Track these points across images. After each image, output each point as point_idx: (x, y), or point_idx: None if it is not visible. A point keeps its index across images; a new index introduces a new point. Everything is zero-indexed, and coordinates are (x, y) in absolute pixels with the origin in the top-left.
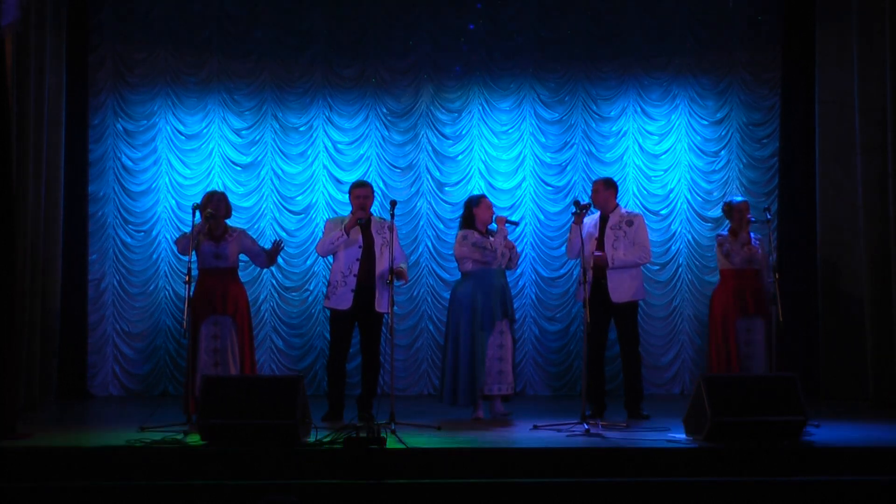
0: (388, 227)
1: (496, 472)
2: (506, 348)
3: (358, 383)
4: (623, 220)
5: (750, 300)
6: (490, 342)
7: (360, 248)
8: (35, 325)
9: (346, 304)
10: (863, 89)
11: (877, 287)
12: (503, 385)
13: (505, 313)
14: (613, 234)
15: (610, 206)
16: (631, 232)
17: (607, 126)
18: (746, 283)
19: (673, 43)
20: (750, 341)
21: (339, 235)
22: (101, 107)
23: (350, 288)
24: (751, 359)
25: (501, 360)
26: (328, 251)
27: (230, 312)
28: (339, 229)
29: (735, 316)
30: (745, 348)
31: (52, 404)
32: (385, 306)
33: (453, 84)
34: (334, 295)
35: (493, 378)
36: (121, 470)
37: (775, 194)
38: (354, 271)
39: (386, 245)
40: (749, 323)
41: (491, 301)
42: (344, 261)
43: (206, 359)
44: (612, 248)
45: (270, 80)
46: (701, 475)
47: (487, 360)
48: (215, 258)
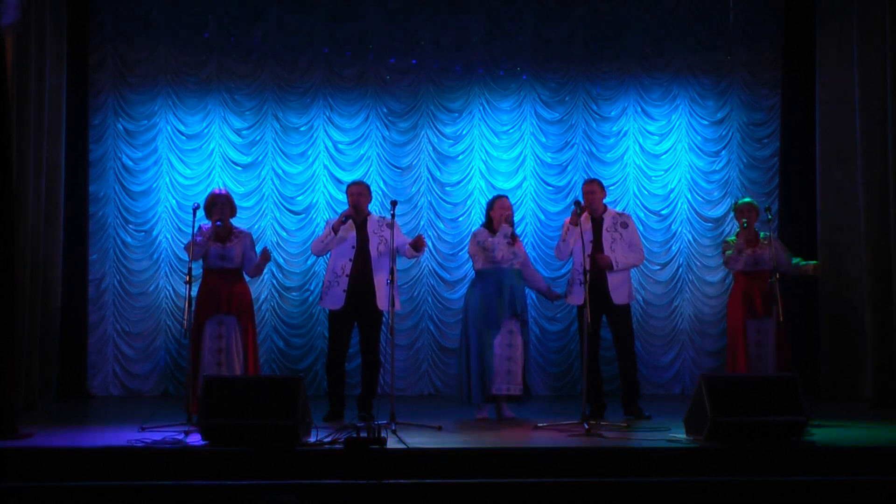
0: (387, 224)
1: (496, 472)
2: (515, 348)
3: (358, 383)
4: (617, 222)
5: (758, 302)
6: (498, 341)
7: (353, 249)
8: (35, 326)
9: (338, 305)
10: (863, 89)
11: (877, 287)
12: (512, 385)
13: (514, 313)
14: (610, 236)
15: (601, 208)
16: (627, 234)
17: (608, 126)
18: (756, 284)
19: (673, 43)
20: (760, 342)
21: (326, 233)
22: (102, 107)
23: (342, 288)
24: (762, 360)
25: (511, 359)
26: (319, 249)
27: (234, 312)
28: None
29: (744, 318)
30: (756, 349)
31: (52, 404)
32: (386, 304)
33: (454, 84)
34: (327, 295)
35: (501, 377)
36: (121, 470)
37: (775, 194)
38: (347, 271)
39: (384, 244)
40: (759, 324)
41: (498, 300)
42: (337, 261)
43: (209, 358)
44: (610, 250)
45: (271, 80)
46: (701, 475)
47: (496, 358)
48: (220, 259)
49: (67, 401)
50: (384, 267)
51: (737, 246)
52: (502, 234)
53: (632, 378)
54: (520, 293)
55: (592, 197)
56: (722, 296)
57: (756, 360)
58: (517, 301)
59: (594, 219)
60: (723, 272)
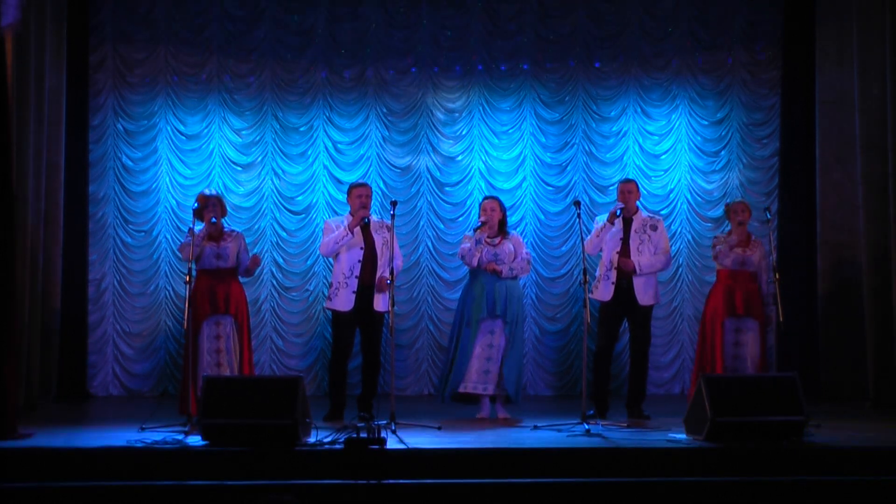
0: (387, 227)
1: (496, 472)
2: (495, 349)
3: (358, 383)
4: (647, 224)
5: (739, 301)
6: (479, 341)
7: (362, 250)
8: (35, 326)
9: (348, 306)
10: (863, 89)
11: (877, 287)
12: (488, 385)
13: (493, 314)
14: (638, 237)
15: (634, 209)
16: (655, 237)
17: (607, 126)
18: (738, 284)
19: (673, 43)
20: (739, 342)
21: (344, 234)
22: (102, 107)
23: (352, 289)
24: (739, 359)
25: (489, 359)
26: (333, 251)
27: (232, 312)
28: (342, 229)
29: (723, 316)
30: (734, 349)
31: (52, 404)
32: (384, 306)
33: (453, 84)
34: (336, 297)
35: (478, 377)
36: (121, 470)
37: (775, 194)
38: (356, 273)
39: (386, 245)
40: (738, 323)
41: (476, 300)
42: (346, 262)
43: (207, 358)
44: (637, 251)
45: (271, 80)
46: (701, 475)
47: (474, 358)
48: (216, 258)
49: (67, 401)
50: (386, 268)
51: (728, 242)
52: (474, 241)
53: (640, 381)
54: (502, 294)
55: (629, 196)
56: None
57: (733, 360)
58: (498, 302)
59: (625, 218)
60: None
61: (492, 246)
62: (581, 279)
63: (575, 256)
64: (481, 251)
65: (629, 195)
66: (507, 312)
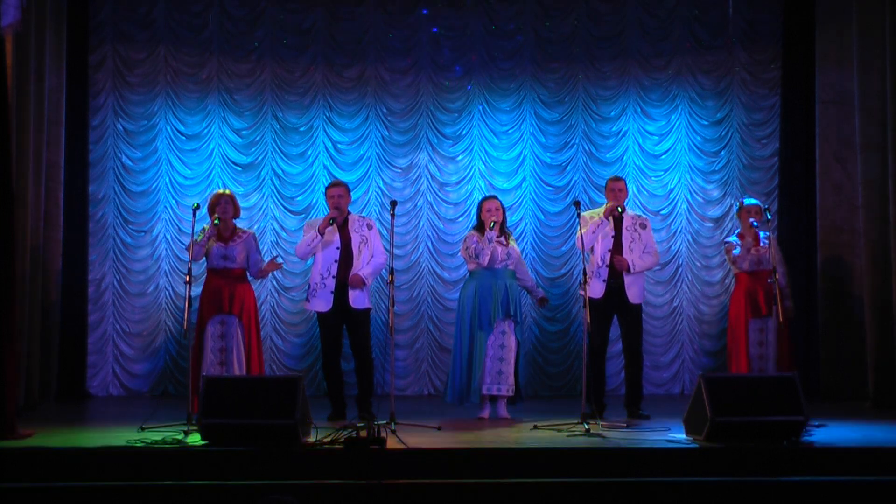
0: (367, 224)
1: (496, 472)
2: (507, 349)
3: (356, 383)
4: (636, 223)
5: (762, 301)
6: (491, 342)
7: (338, 249)
8: (35, 325)
9: (327, 306)
10: (863, 89)
11: (877, 287)
12: (503, 385)
13: (507, 314)
14: (630, 235)
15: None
16: (645, 235)
17: (607, 126)
18: (758, 284)
19: (673, 43)
20: (763, 342)
21: (313, 237)
22: (101, 107)
23: (329, 290)
24: (764, 360)
25: (503, 360)
26: (306, 253)
27: (236, 312)
28: (312, 232)
29: (747, 317)
30: (759, 349)
31: (52, 404)
32: (363, 303)
33: (453, 84)
34: (314, 297)
35: (492, 378)
36: (121, 470)
37: (775, 194)
38: (333, 272)
39: (364, 243)
40: (762, 324)
41: (490, 301)
42: (322, 263)
43: (211, 358)
44: (628, 249)
45: (270, 80)
46: (701, 475)
47: (488, 359)
48: (223, 259)
49: (67, 401)
50: (364, 266)
51: (744, 245)
52: (486, 240)
53: (636, 379)
54: (514, 293)
55: (620, 195)
56: (722, 296)
57: (759, 360)
58: (511, 301)
59: (615, 217)
60: (723, 272)
61: (503, 245)
62: (581, 279)
63: (575, 256)
64: (494, 249)
65: (620, 193)
66: (518, 312)
